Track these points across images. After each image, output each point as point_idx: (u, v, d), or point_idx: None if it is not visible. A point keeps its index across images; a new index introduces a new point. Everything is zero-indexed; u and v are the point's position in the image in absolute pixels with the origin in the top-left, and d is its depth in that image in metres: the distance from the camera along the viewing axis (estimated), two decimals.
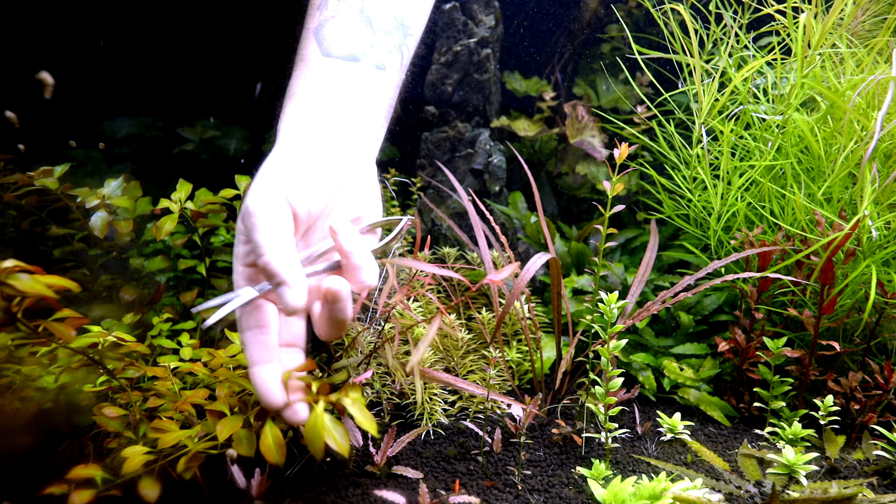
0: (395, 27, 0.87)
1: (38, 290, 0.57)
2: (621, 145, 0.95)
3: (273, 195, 0.66)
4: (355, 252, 0.67)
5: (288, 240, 0.64)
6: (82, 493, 0.60)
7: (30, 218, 0.97)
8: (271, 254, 0.62)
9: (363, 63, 0.83)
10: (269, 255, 0.62)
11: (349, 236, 0.68)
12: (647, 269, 1.13)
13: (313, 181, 0.71)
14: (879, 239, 1.02)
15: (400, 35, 0.87)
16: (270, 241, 0.63)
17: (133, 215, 0.98)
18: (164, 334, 0.91)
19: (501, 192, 1.44)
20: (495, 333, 0.89)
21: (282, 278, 0.61)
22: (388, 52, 0.85)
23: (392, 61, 0.85)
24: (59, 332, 0.61)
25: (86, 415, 0.77)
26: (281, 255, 0.62)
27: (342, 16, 0.83)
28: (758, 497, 0.80)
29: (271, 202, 0.65)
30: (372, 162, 0.83)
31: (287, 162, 0.72)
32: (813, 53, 1.09)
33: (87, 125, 1.40)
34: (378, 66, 0.84)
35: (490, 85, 1.44)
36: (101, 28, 1.32)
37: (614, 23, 1.58)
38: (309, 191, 0.70)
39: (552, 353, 1.15)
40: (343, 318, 0.66)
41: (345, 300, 0.65)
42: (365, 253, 0.69)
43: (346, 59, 0.82)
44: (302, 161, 0.72)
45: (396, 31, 0.87)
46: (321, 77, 0.81)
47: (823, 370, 1.05)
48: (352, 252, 0.67)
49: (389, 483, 0.81)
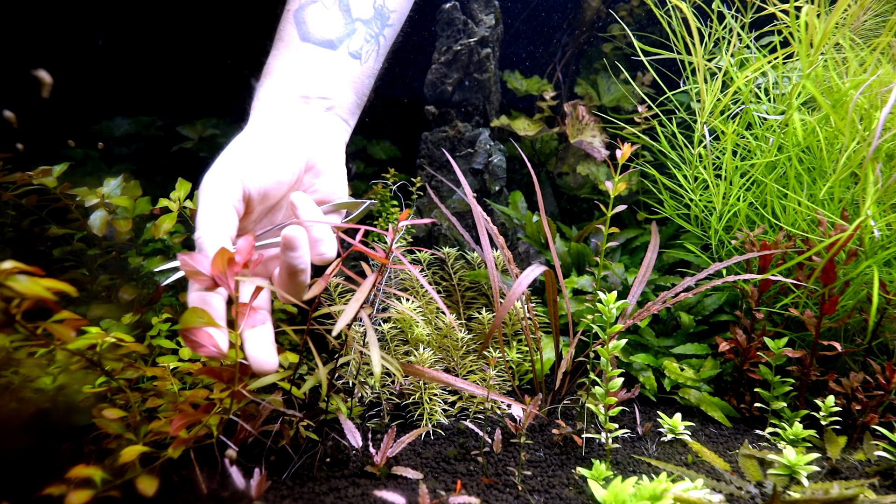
0: (374, 16, 0.88)
1: (37, 292, 0.57)
2: (623, 145, 0.95)
3: (224, 175, 0.69)
4: (315, 225, 0.70)
5: (223, 218, 0.67)
6: (81, 494, 0.60)
7: (29, 217, 0.97)
8: (201, 230, 0.65)
9: (339, 51, 0.85)
10: (200, 231, 0.65)
11: (308, 210, 0.71)
12: (647, 270, 1.13)
13: (272, 162, 0.73)
14: (881, 239, 1.02)
15: (378, 25, 0.89)
16: (204, 219, 0.66)
17: (132, 214, 0.97)
18: (164, 334, 0.91)
19: (501, 192, 1.43)
20: (487, 339, 0.89)
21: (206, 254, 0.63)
22: (364, 40, 0.87)
23: (368, 50, 0.87)
24: (58, 334, 0.61)
25: (85, 415, 0.76)
26: (209, 234, 0.65)
27: (322, 1, 0.85)
28: (759, 498, 0.80)
29: (219, 182, 0.68)
30: (340, 148, 0.85)
31: (249, 142, 0.74)
32: (815, 53, 1.08)
33: (85, 124, 1.39)
34: (353, 54, 0.86)
35: (490, 84, 1.44)
36: (100, 27, 1.31)
37: (616, 22, 1.58)
38: (266, 171, 0.72)
39: (552, 353, 1.15)
40: (300, 267, 0.68)
41: (300, 248, 0.67)
42: (324, 227, 0.71)
43: (322, 45, 0.84)
44: (264, 142, 0.75)
45: (374, 20, 0.88)
46: (296, 61, 0.83)
47: (824, 370, 1.05)
48: (311, 226, 0.70)
49: (389, 483, 0.80)
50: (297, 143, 0.77)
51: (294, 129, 0.79)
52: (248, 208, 0.72)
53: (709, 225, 1.25)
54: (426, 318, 1.13)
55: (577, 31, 1.62)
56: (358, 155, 1.61)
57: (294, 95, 0.82)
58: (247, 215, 0.73)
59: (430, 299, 1.17)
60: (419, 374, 0.89)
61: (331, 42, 0.84)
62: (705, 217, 1.26)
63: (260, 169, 0.72)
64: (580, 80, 1.60)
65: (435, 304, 1.17)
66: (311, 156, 0.79)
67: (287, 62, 0.83)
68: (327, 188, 0.81)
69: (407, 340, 1.10)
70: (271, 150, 0.74)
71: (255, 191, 0.71)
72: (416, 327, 1.08)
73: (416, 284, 1.18)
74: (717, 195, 1.21)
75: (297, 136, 0.78)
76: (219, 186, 0.68)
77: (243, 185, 0.70)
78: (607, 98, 1.56)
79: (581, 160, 1.50)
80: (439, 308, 1.17)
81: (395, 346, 1.08)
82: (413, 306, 1.11)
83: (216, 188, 0.68)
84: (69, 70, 1.02)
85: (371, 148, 1.60)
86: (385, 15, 0.90)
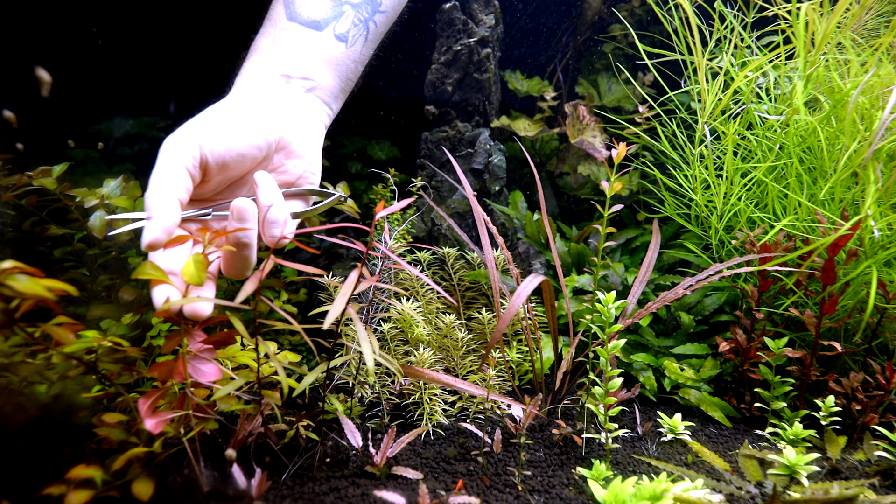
0: (364, 1, 0.88)
1: (37, 292, 0.57)
2: (619, 145, 0.95)
3: (182, 138, 0.68)
4: (273, 206, 0.70)
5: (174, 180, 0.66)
6: (80, 494, 0.60)
7: (29, 218, 0.97)
8: (151, 190, 0.64)
9: (325, 32, 0.84)
10: (149, 191, 0.64)
11: (269, 190, 0.70)
12: (648, 269, 1.13)
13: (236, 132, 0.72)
14: (882, 239, 1.02)
15: (367, 10, 0.88)
16: (155, 179, 0.65)
17: None
18: (164, 335, 0.91)
19: (501, 192, 1.43)
20: (489, 348, 0.88)
21: (149, 213, 0.63)
22: (352, 24, 0.86)
23: (356, 34, 0.87)
24: (58, 336, 0.61)
25: (86, 414, 0.76)
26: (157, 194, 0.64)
27: None
28: (759, 498, 0.80)
29: (176, 144, 0.67)
30: (318, 130, 0.84)
31: (217, 112, 0.73)
32: (816, 53, 1.08)
33: (85, 124, 1.39)
34: (339, 37, 0.85)
35: (490, 84, 1.44)
36: (100, 27, 1.31)
37: (616, 22, 1.58)
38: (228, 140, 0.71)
39: (552, 354, 1.15)
40: (244, 241, 0.68)
41: (248, 222, 0.67)
42: (282, 210, 0.71)
43: (307, 25, 0.84)
44: (232, 113, 0.74)
45: (365, 4, 0.88)
46: (280, 39, 0.83)
47: (824, 370, 1.05)
48: (269, 206, 0.70)
49: (389, 483, 0.80)
50: (268, 119, 0.76)
51: (268, 105, 0.77)
52: (205, 176, 0.71)
53: (709, 225, 1.24)
54: (426, 318, 1.13)
55: (578, 31, 1.62)
56: (358, 155, 1.61)
57: (275, 73, 0.81)
58: (203, 183, 0.72)
59: (430, 299, 1.17)
60: (419, 375, 0.89)
61: (316, 23, 0.84)
62: (706, 217, 1.26)
63: (221, 137, 0.70)
64: (581, 80, 1.60)
65: (435, 304, 1.17)
66: (285, 135, 0.78)
67: (271, 40, 0.83)
68: (298, 170, 0.80)
69: (407, 340, 1.10)
70: (237, 121, 0.73)
71: (213, 157, 0.70)
72: (416, 327, 1.08)
73: (416, 284, 1.18)
74: (718, 195, 1.21)
75: (270, 113, 0.77)
76: (175, 149, 0.67)
77: (200, 149, 0.68)
78: (608, 98, 1.56)
79: (582, 160, 1.50)
80: (439, 308, 1.17)
81: (395, 347, 1.08)
82: (413, 306, 1.11)
83: (172, 150, 0.67)
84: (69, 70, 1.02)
85: (371, 148, 1.60)
86: (377, 1, 0.89)
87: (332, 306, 0.65)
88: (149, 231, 0.61)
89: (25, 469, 0.72)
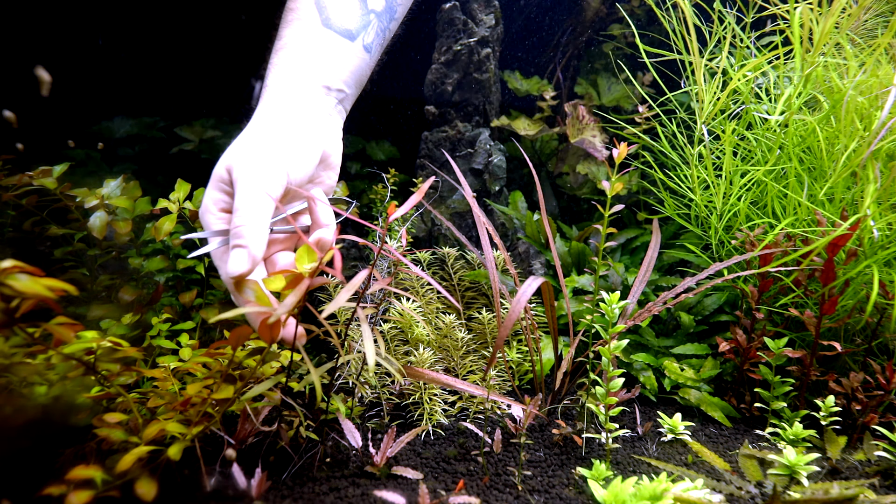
0: (385, 9, 0.88)
1: (38, 291, 0.57)
2: (620, 145, 0.95)
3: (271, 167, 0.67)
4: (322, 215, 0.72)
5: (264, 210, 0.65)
6: (81, 494, 0.60)
7: (29, 218, 0.97)
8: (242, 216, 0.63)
9: (356, 43, 0.85)
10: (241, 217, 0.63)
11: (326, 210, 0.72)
12: (648, 269, 1.13)
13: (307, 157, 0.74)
14: (881, 239, 1.02)
15: (387, 18, 0.89)
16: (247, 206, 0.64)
17: (132, 215, 0.97)
18: (164, 335, 0.91)
19: (501, 192, 1.43)
20: (492, 358, 0.89)
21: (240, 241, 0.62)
22: (376, 34, 0.87)
23: (377, 44, 0.88)
24: (59, 334, 0.61)
25: (86, 415, 0.76)
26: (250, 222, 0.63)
27: None
28: (759, 498, 0.80)
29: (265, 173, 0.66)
30: (341, 140, 0.86)
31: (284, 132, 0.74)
32: (815, 53, 1.08)
33: (86, 125, 1.39)
34: (366, 47, 0.86)
35: (490, 84, 1.44)
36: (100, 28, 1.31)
37: (616, 22, 1.58)
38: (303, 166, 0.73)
39: (552, 354, 1.15)
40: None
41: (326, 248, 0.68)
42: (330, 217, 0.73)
43: (343, 34, 0.84)
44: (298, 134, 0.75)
45: (385, 13, 0.88)
46: (318, 46, 0.82)
47: (824, 370, 1.05)
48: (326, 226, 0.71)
49: (389, 483, 0.80)
50: (320, 137, 0.78)
51: (318, 121, 0.79)
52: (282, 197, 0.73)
53: (709, 225, 1.25)
54: (426, 317, 1.13)
55: (578, 31, 1.62)
56: (357, 155, 1.61)
57: (317, 84, 0.81)
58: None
59: (430, 299, 1.17)
60: (419, 375, 0.89)
61: (350, 32, 0.84)
62: (706, 217, 1.26)
63: (300, 165, 0.72)
64: (580, 80, 1.60)
65: (435, 304, 1.17)
66: (327, 148, 0.80)
67: (307, 44, 0.82)
68: (331, 180, 0.83)
69: (407, 340, 1.10)
70: (305, 145, 0.74)
71: (295, 182, 0.72)
72: (416, 327, 1.08)
73: (416, 284, 1.18)
74: (718, 195, 1.21)
75: (321, 130, 0.78)
76: (265, 177, 0.66)
77: (288, 177, 0.69)
78: (607, 98, 1.56)
79: (581, 160, 1.50)
80: (439, 308, 1.17)
81: (395, 346, 1.08)
82: (413, 306, 1.11)
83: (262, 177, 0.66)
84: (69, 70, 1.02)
85: (370, 148, 1.60)
86: (393, 8, 0.90)
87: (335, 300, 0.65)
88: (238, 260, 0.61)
89: (26, 469, 0.72)
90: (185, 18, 1.36)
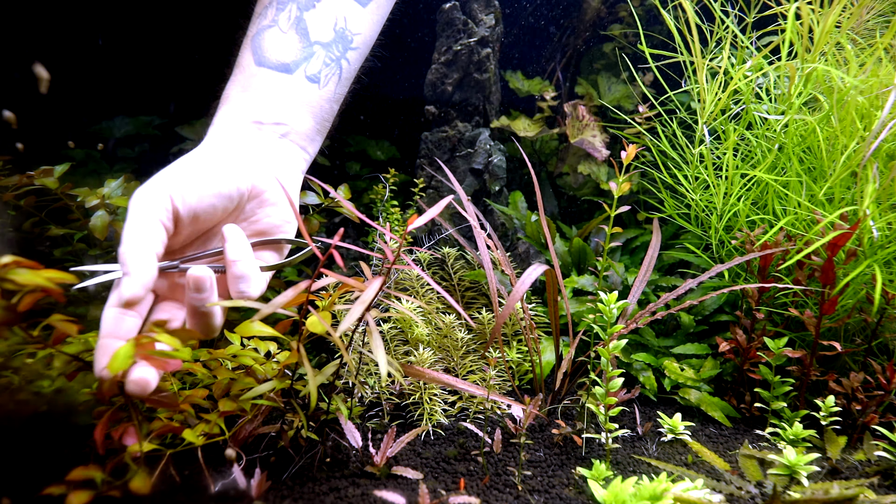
0: (334, 39, 0.85)
1: (39, 283, 0.57)
2: (628, 146, 0.95)
3: (154, 190, 0.66)
4: (240, 261, 0.68)
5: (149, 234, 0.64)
6: (81, 494, 0.60)
7: (30, 218, 0.97)
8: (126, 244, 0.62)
9: (295, 75, 0.82)
10: (124, 245, 0.62)
11: (238, 245, 0.69)
12: (648, 269, 1.13)
13: (207, 183, 0.70)
14: (881, 239, 1.02)
15: (339, 48, 0.85)
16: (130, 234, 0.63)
17: None
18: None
19: (501, 192, 1.43)
20: (489, 344, 0.89)
21: (126, 269, 0.61)
22: (324, 64, 0.84)
23: (328, 74, 0.84)
24: (61, 328, 0.61)
25: (86, 415, 0.76)
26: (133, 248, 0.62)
27: (279, 25, 0.83)
28: (759, 498, 0.80)
29: (148, 196, 0.66)
30: (294, 176, 0.82)
31: (188, 162, 0.72)
32: (815, 53, 1.08)
33: (86, 125, 1.40)
34: (311, 78, 0.83)
35: (490, 84, 1.44)
36: (100, 27, 1.31)
37: (616, 22, 1.58)
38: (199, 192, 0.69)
39: (552, 354, 1.15)
40: (203, 310, 0.66)
41: (205, 291, 0.65)
42: (251, 265, 0.69)
43: (277, 68, 0.81)
44: (203, 163, 0.72)
45: (335, 43, 0.85)
46: (250, 86, 0.81)
47: (824, 370, 1.05)
48: (236, 261, 0.68)
49: (389, 483, 0.80)
50: (239, 168, 0.74)
51: (239, 154, 0.75)
52: (176, 228, 0.69)
53: (709, 225, 1.25)
54: (426, 318, 1.13)
55: (578, 31, 1.62)
56: (358, 155, 1.61)
57: (246, 121, 0.79)
58: (175, 235, 0.70)
59: (430, 299, 1.17)
60: (419, 374, 0.89)
61: (286, 66, 0.81)
62: (706, 217, 1.26)
63: (192, 188, 0.68)
64: (580, 80, 1.60)
65: (435, 304, 1.17)
66: (258, 183, 0.76)
67: (241, 87, 0.81)
68: (273, 219, 0.78)
69: (407, 340, 1.10)
70: (208, 171, 0.71)
71: (185, 209, 0.68)
72: (416, 327, 1.08)
73: (416, 284, 1.18)
74: (718, 195, 1.21)
75: (241, 162, 0.74)
76: (147, 201, 0.65)
77: (172, 201, 0.66)
78: (608, 98, 1.56)
79: (581, 160, 1.50)
80: (439, 308, 1.17)
81: (395, 346, 1.08)
82: (413, 306, 1.11)
83: (144, 203, 0.65)
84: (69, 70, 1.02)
85: (370, 148, 1.61)
86: (347, 38, 0.86)
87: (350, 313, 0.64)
88: (128, 287, 0.59)
89: (26, 469, 0.72)
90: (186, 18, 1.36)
